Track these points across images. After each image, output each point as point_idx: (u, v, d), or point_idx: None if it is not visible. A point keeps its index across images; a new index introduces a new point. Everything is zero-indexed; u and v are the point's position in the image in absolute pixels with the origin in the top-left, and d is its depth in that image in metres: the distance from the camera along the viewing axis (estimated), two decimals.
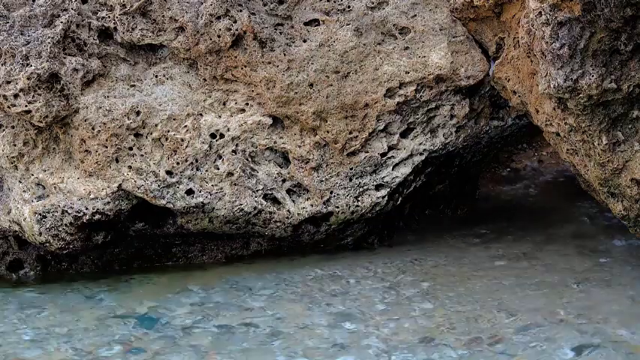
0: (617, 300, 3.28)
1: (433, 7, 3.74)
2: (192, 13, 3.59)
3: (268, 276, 3.66)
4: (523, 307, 3.24)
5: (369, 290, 3.48)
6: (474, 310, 3.24)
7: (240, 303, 3.40)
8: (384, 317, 3.22)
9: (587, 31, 3.11)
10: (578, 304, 3.26)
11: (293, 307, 3.36)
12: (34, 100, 3.51)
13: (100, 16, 3.63)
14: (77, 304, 3.47)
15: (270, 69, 3.64)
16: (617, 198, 3.44)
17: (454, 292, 3.42)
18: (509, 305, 3.27)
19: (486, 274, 3.60)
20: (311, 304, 3.37)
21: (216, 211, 3.68)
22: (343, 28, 3.69)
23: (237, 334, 3.13)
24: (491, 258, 3.79)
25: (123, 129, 3.60)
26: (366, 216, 3.82)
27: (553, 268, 3.64)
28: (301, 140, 3.71)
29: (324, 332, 3.12)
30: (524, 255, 3.81)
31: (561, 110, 3.30)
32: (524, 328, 3.07)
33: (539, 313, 3.18)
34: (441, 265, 3.73)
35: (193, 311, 3.35)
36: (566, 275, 3.55)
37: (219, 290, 3.54)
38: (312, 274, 3.67)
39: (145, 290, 3.58)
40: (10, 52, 3.51)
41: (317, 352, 2.98)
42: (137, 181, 3.61)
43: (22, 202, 3.63)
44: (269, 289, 3.54)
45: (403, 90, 3.72)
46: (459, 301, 3.32)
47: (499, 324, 3.12)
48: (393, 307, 3.30)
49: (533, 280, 3.51)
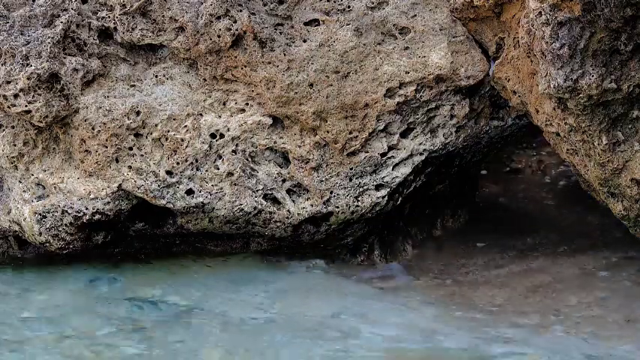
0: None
1: (433, 7, 3.74)
2: (192, 13, 3.59)
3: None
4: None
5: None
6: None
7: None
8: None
9: (587, 31, 3.11)
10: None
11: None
12: (34, 100, 3.51)
13: (100, 16, 3.63)
14: (78, 288, 3.48)
15: (270, 69, 3.64)
16: (617, 198, 3.44)
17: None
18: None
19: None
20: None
21: (216, 211, 3.68)
22: (343, 28, 3.69)
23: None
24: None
25: (123, 129, 3.60)
26: (366, 216, 3.82)
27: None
28: (301, 140, 3.71)
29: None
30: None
31: (561, 110, 3.30)
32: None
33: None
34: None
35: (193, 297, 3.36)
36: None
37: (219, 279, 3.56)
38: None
39: (146, 277, 3.59)
40: (10, 52, 3.52)
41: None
42: (137, 181, 3.61)
43: (22, 202, 3.63)
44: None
45: (403, 90, 3.72)
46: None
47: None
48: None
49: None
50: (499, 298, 3.48)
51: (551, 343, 3.06)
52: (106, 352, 2.96)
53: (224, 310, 3.27)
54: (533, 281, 3.59)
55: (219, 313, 3.25)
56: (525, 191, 4.71)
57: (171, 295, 3.40)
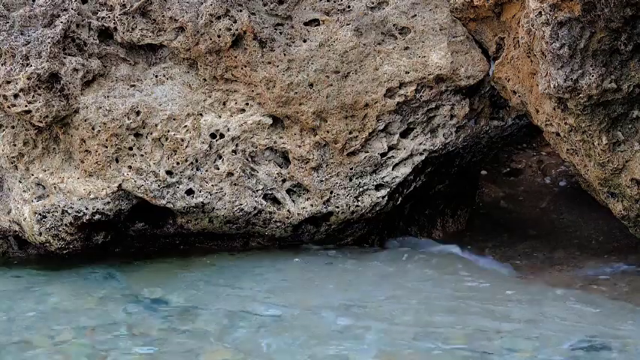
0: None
1: (433, 7, 3.74)
2: (192, 13, 3.59)
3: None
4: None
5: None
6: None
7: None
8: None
9: (587, 31, 3.11)
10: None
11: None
12: (34, 100, 3.51)
13: (100, 16, 3.63)
14: (81, 287, 3.48)
15: (270, 69, 3.64)
16: (617, 198, 3.44)
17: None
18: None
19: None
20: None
21: (216, 211, 3.68)
22: (343, 28, 3.69)
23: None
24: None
25: (123, 129, 3.60)
26: (366, 216, 3.82)
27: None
28: (301, 140, 3.71)
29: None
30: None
31: (561, 110, 3.30)
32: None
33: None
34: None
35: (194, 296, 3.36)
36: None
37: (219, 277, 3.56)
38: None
39: (148, 276, 3.59)
40: (10, 52, 3.52)
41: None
42: (137, 181, 3.61)
43: (22, 202, 3.63)
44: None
45: (403, 90, 3.72)
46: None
47: None
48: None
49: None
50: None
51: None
52: (109, 354, 2.96)
53: (226, 308, 3.27)
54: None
55: (220, 310, 3.25)
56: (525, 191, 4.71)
57: (173, 294, 3.40)
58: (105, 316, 3.21)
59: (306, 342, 2.97)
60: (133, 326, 3.12)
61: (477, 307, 3.17)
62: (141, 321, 3.17)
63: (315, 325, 3.09)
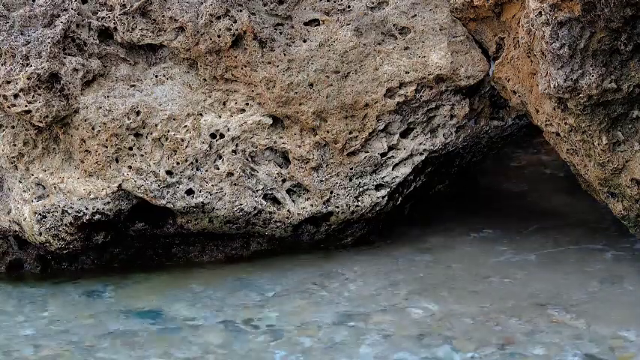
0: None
1: (433, 7, 3.74)
2: (192, 13, 3.59)
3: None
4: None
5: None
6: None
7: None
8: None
9: (587, 31, 3.11)
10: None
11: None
12: (34, 100, 3.51)
13: (100, 16, 3.63)
14: (78, 300, 3.48)
15: (270, 69, 3.64)
16: (617, 198, 3.44)
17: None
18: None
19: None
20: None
21: (216, 211, 3.68)
22: (343, 28, 3.69)
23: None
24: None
25: (123, 129, 3.60)
26: (366, 216, 3.82)
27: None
28: (301, 140, 3.71)
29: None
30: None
31: (561, 110, 3.30)
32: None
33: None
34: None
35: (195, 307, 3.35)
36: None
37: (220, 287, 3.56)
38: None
39: (147, 286, 3.58)
40: (10, 52, 3.52)
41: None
42: (137, 181, 3.61)
43: (22, 202, 3.63)
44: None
45: (403, 90, 3.72)
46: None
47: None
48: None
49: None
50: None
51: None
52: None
53: (224, 318, 3.27)
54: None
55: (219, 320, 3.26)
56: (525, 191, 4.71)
57: (171, 304, 3.40)
58: (101, 327, 3.22)
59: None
60: (129, 338, 3.12)
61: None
62: (138, 333, 3.17)
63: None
